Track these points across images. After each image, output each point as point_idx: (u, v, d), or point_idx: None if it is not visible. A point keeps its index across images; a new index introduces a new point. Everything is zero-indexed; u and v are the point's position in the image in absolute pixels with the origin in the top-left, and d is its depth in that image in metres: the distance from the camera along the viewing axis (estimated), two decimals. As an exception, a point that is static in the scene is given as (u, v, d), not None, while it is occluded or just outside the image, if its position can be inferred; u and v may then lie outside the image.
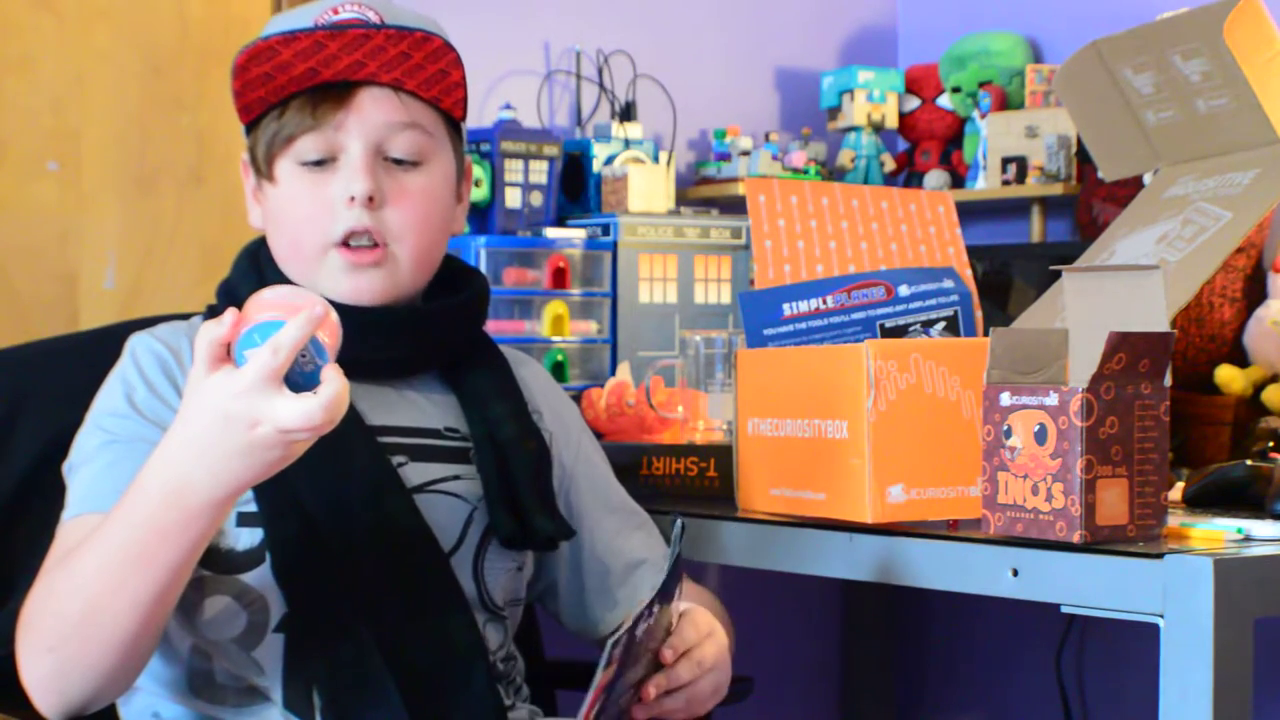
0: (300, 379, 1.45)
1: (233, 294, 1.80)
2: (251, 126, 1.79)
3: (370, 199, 1.74)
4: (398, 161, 1.77)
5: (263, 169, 1.78)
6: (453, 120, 1.82)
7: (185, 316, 1.87)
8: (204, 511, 1.50)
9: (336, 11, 1.75)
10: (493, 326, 2.69)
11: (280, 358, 1.42)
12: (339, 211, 1.75)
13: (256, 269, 1.81)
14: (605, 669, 1.51)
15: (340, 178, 1.75)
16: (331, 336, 1.47)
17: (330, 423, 1.43)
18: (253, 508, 1.68)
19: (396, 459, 1.76)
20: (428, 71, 1.75)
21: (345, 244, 1.75)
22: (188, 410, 1.48)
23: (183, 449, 1.48)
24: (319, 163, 1.75)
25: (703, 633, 1.67)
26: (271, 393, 1.42)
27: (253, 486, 1.52)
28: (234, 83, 1.73)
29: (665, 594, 1.59)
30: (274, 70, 1.71)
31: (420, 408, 1.82)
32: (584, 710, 1.53)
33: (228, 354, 1.45)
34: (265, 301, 1.48)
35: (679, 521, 1.61)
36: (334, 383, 1.43)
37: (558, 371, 2.75)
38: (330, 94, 1.74)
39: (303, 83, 1.73)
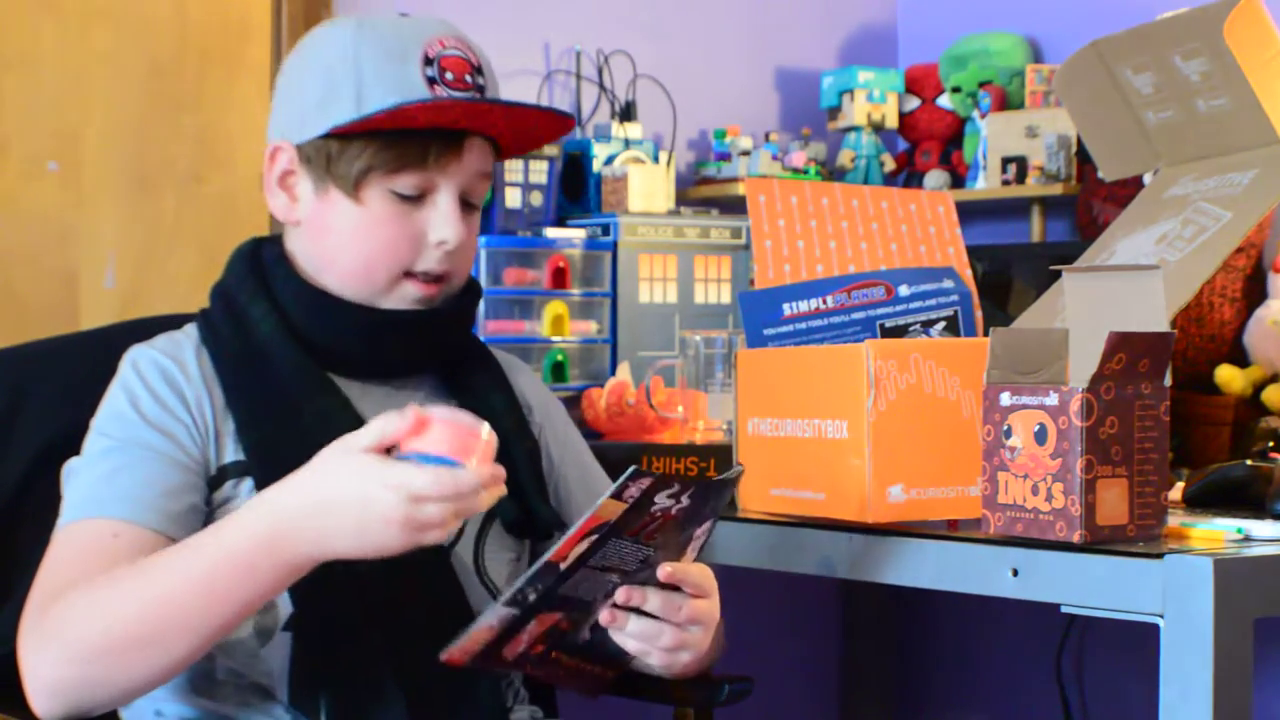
0: None
1: (229, 298, 1.79)
2: (326, 135, 1.76)
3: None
4: (465, 203, 1.80)
5: (346, 186, 1.76)
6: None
7: (177, 323, 1.86)
8: (298, 566, 1.54)
9: (443, 44, 1.76)
10: (493, 326, 2.70)
11: (438, 493, 1.48)
12: (423, 249, 1.76)
13: (258, 274, 1.80)
14: (614, 497, 1.52)
15: (431, 219, 1.76)
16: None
17: (454, 528, 1.52)
18: None
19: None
20: (535, 138, 1.83)
21: (415, 274, 1.78)
22: (324, 469, 1.52)
23: (301, 501, 1.52)
24: (412, 197, 1.76)
25: (705, 588, 1.66)
26: (413, 502, 1.48)
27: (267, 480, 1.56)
28: (381, 113, 1.72)
29: (700, 503, 1.59)
30: (428, 121, 1.74)
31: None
32: (573, 531, 1.54)
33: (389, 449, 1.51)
34: (439, 426, 1.51)
35: (739, 466, 1.68)
36: (480, 497, 1.50)
37: (558, 371, 2.75)
38: (447, 139, 1.75)
39: (429, 123, 1.74)
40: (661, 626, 1.63)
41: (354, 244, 1.77)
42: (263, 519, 1.54)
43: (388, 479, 1.48)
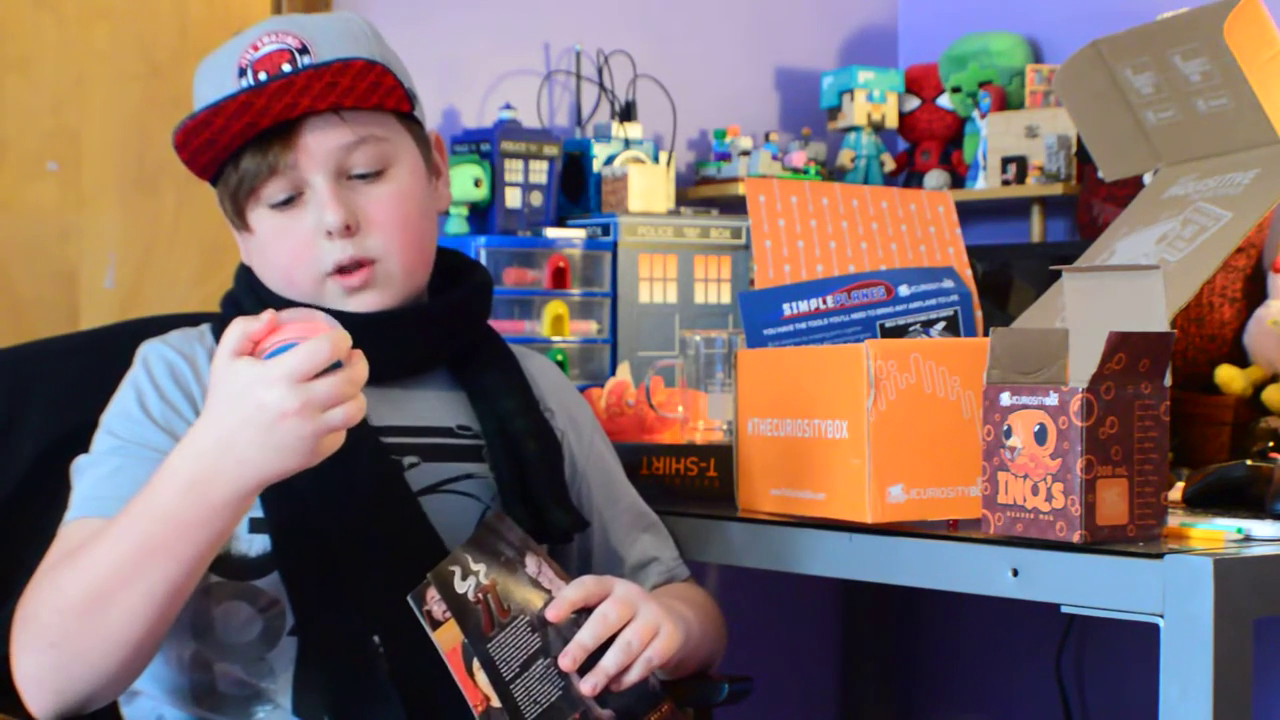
0: None
1: (238, 306, 1.81)
2: (213, 181, 1.79)
3: (346, 227, 1.74)
4: (362, 176, 1.76)
5: (236, 221, 1.79)
6: (402, 111, 1.81)
7: (195, 321, 1.86)
8: (226, 505, 1.52)
9: (256, 48, 1.74)
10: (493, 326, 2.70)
11: (311, 364, 1.46)
12: (321, 245, 1.75)
13: (253, 290, 1.81)
14: (433, 628, 1.54)
15: (311, 211, 1.75)
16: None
17: (357, 406, 1.48)
18: (262, 514, 1.68)
19: (408, 459, 1.76)
20: (359, 89, 1.74)
21: (336, 271, 1.76)
22: (215, 401, 1.51)
23: (208, 439, 1.51)
24: (288, 201, 1.75)
25: (594, 589, 1.63)
26: (300, 385, 1.46)
27: (269, 486, 1.54)
28: (180, 155, 1.73)
29: (491, 555, 1.59)
30: (214, 135, 1.72)
31: (431, 406, 1.82)
32: (458, 681, 1.54)
33: (253, 350, 1.50)
34: (290, 323, 1.52)
35: (489, 512, 1.68)
36: (358, 364, 1.48)
37: (558, 371, 2.75)
38: (276, 136, 1.73)
39: (246, 135, 1.73)
40: (624, 656, 1.60)
41: (268, 266, 1.79)
42: (181, 468, 1.52)
43: (267, 376, 1.47)
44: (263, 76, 1.72)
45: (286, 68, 1.72)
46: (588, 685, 1.58)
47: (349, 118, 1.74)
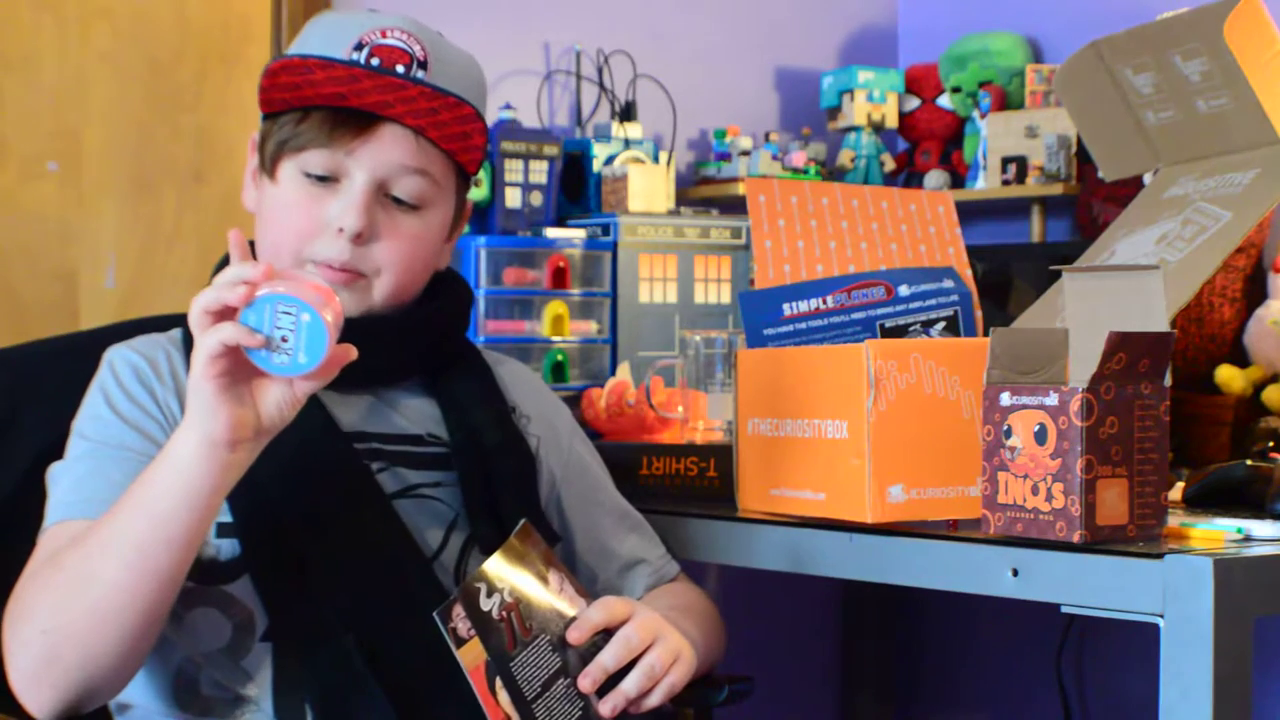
0: (283, 344, 1.49)
1: None
2: (268, 116, 1.78)
3: (359, 235, 1.74)
4: (397, 200, 1.77)
5: (266, 163, 1.78)
6: (464, 170, 1.82)
7: (165, 325, 1.86)
8: (182, 455, 1.52)
9: (385, 34, 1.75)
10: (493, 326, 2.70)
11: (219, 292, 1.49)
12: (326, 236, 1.75)
13: None
14: (457, 646, 1.54)
15: (337, 203, 1.75)
16: (335, 315, 1.50)
17: (233, 331, 1.48)
18: (230, 518, 1.68)
19: (375, 465, 1.75)
20: (452, 130, 1.75)
21: (319, 263, 1.75)
22: None
23: None
24: (322, 179, 1.75)
25: (618, 610, 1.64)
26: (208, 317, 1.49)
27: (236, 489, 1.53)
28: (262, 80, 1.73)
29: (511, 569, 1.59)
30: (303, 84, 1.72)
31: (402, 414, 1.81)
32: (480, 699, 1.55)
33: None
34: (283, 275, 1.51)
35: (523, 522, 1.64)
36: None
37: (558, 371, 2.75)
38: (352, 119, 1.73)
39: (328, 101, 1.73)
40: (646, 680, 1.61)
41: (268, 223, 1.78)
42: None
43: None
44: (375, 62, 1.73)
45: (400, 69, 1.73)
46: (607, 707, 1.59)
47: (423, 145, 1.76)
